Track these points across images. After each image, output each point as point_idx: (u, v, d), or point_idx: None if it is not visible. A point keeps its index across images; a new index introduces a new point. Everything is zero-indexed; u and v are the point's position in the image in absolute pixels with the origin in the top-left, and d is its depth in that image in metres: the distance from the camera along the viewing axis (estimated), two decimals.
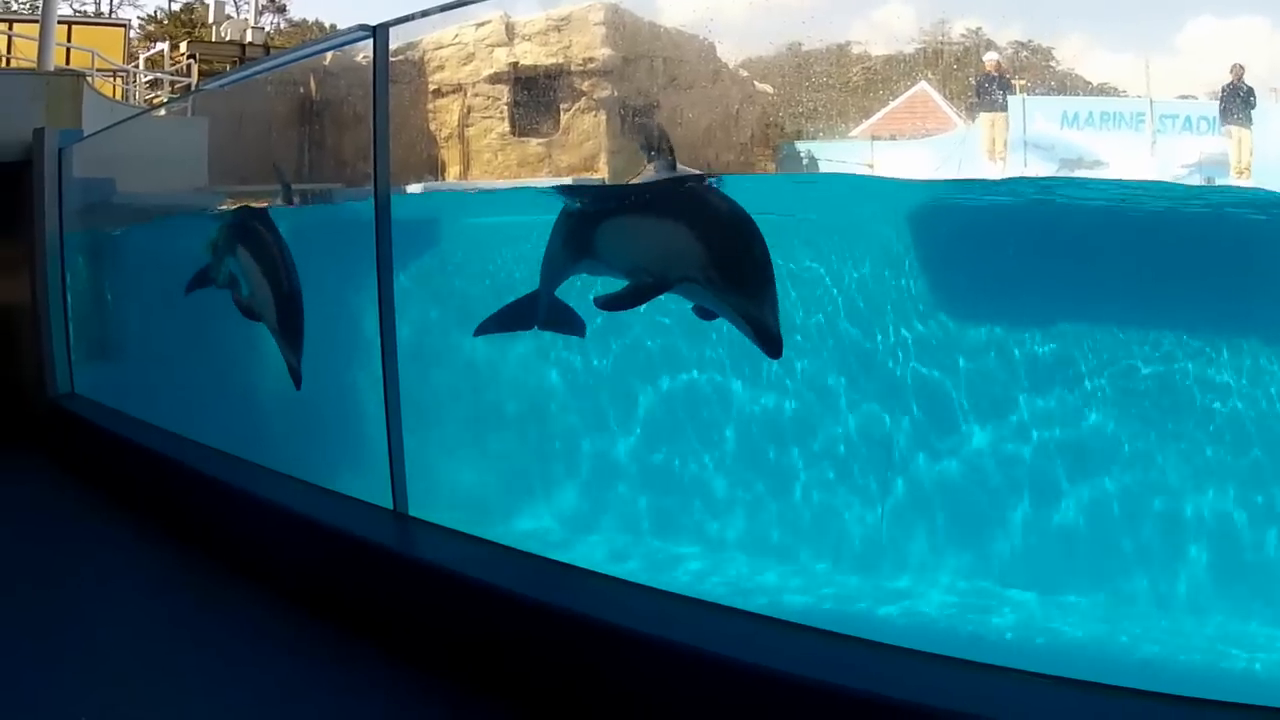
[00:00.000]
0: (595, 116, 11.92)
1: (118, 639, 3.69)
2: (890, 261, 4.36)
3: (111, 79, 16.37)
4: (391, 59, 3.86)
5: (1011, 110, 7.62)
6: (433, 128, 12.42)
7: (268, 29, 33.84)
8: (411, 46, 11.37)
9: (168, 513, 4.95)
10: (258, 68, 9.18)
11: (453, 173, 12.49)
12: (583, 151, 11.88)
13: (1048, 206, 4.25)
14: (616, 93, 11.75)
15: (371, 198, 3.83)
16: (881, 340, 4.28)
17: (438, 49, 12.53)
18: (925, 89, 8.57)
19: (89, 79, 10.55)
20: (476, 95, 12.61)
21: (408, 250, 4.36)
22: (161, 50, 21.20)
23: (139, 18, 34.65)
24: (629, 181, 4.01)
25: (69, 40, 15.84)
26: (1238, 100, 6.22)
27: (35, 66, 10.39)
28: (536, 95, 12.66)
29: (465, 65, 12.70)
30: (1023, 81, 7.97)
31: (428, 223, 5.32)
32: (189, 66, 19.70)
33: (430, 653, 3.28)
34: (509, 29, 12.61)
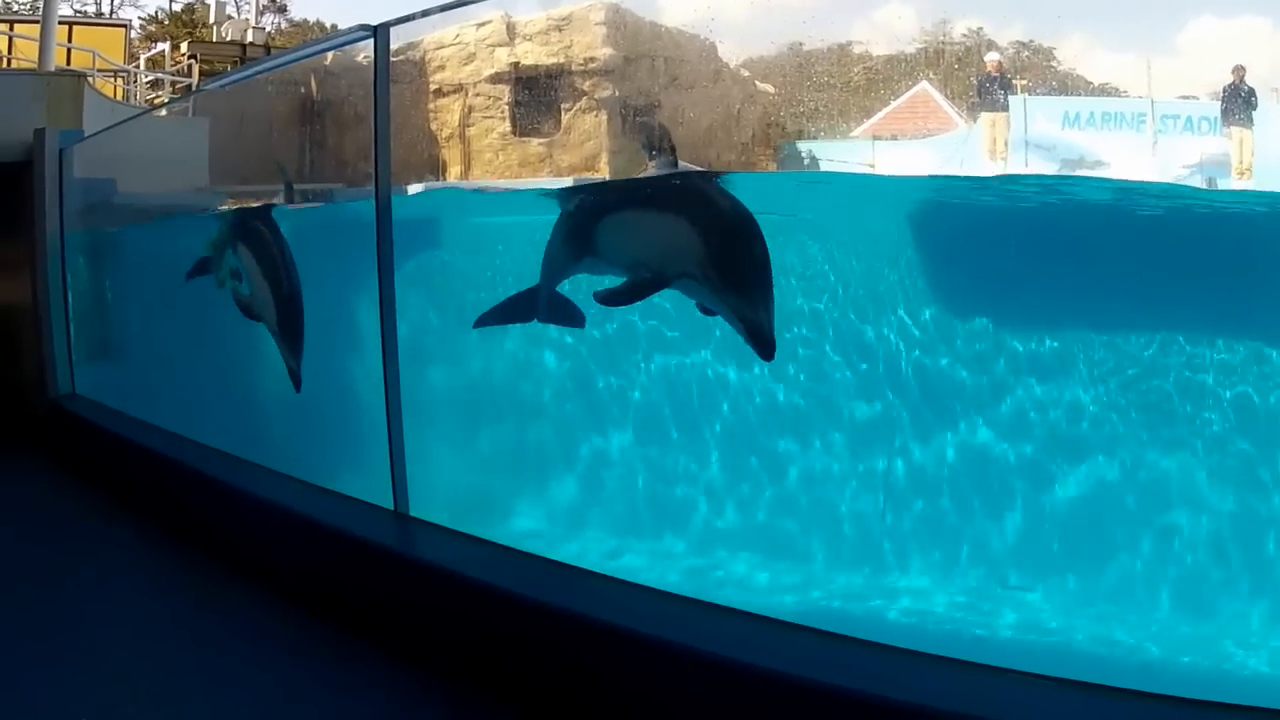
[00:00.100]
0: (596, 116, 11.92)
1: (118, 639, 3.69)
2: (892, 258, 4.35)
3: (112, 79, 16.38)
4: (392, 59, 3.86)
5: (1013, 110, 7.61)
6: (434, 128, 12.42)
7: (268, 29, 33.88)
8: (412, 46, 11.37)
9: (168, 513, 4.95)
10: (259, 68, 9.16)
11: (454, 173, 12.49)
12: (584, 151, 11.87)
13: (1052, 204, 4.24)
14: (618, 92, 11.74)
15: (373, 198, 3.83)
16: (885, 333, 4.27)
17: (439, 49, 12.53)
18: (926, 89, 8.57)
19: (90, 79, 10.56)
20: (477, 95, 12.61)
21: (428, 249, 4.38)
22: (162, 50, 21.23)
23: (140, 18, 34.72)
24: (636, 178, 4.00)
25: (70, 41, 15.85)
26: (1239, 101, 6.21)
27: (36, 67, 10.38)
28: (537, 95, 12.66)
29: (466, 65, 12.70)
30: (1024, 81, 7.96)
31: (444, 221, 5.32)
32: (190, 67, 19.71)
33: (430, 653, 3.28)
34: (510, 29, 12.60)
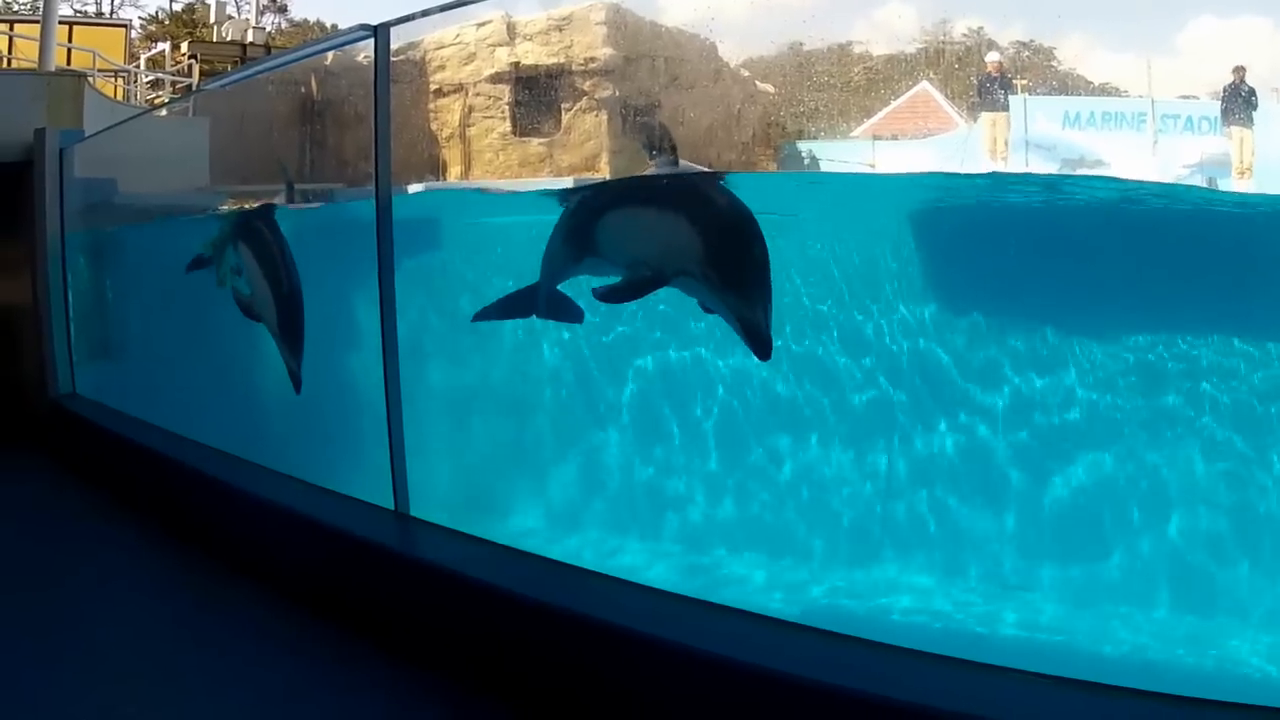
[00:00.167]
0: (597, 116, 11.92)
1: (118, 639, 3.69)
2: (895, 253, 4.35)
3: (113, 79, 16.39)
4: (393, 59, 3.86)
5: (1013, 110, 7.62)
6: (434, 127, 12.42)
7: (269, 29, 33.87)
8: (413, 46, 11.38)
9: (169, 513, 4.95)
10: (259, 67, 9.16)
11: (454, 172, 12.49)
12: (584, 151, 11.87)
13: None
14: (618, 92, 11.74)
15: (373, 198, 3.83)
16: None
17: (439, 49, 12.53)
18: (927, 89, 8.57)
19: (90, 79, 10.56)
20: (478, 95, 12.61)
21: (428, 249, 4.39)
22: (163, 50, 21.25)
23: (140, 18, 34.71)
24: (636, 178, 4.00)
25: (70, 41, 15.85)
26: (1239, 100, 6.21)
27: (36, 67, 10.38)
28: (538, 95, 12.66)
29: (466, 65, 12.70)
30: (1024, 81, 7.97)
31: (443, 221, 5.33)
32: (190, 66, 19.71)
33: (431, 653, 3.28)
34: (510, 28, 12.60)
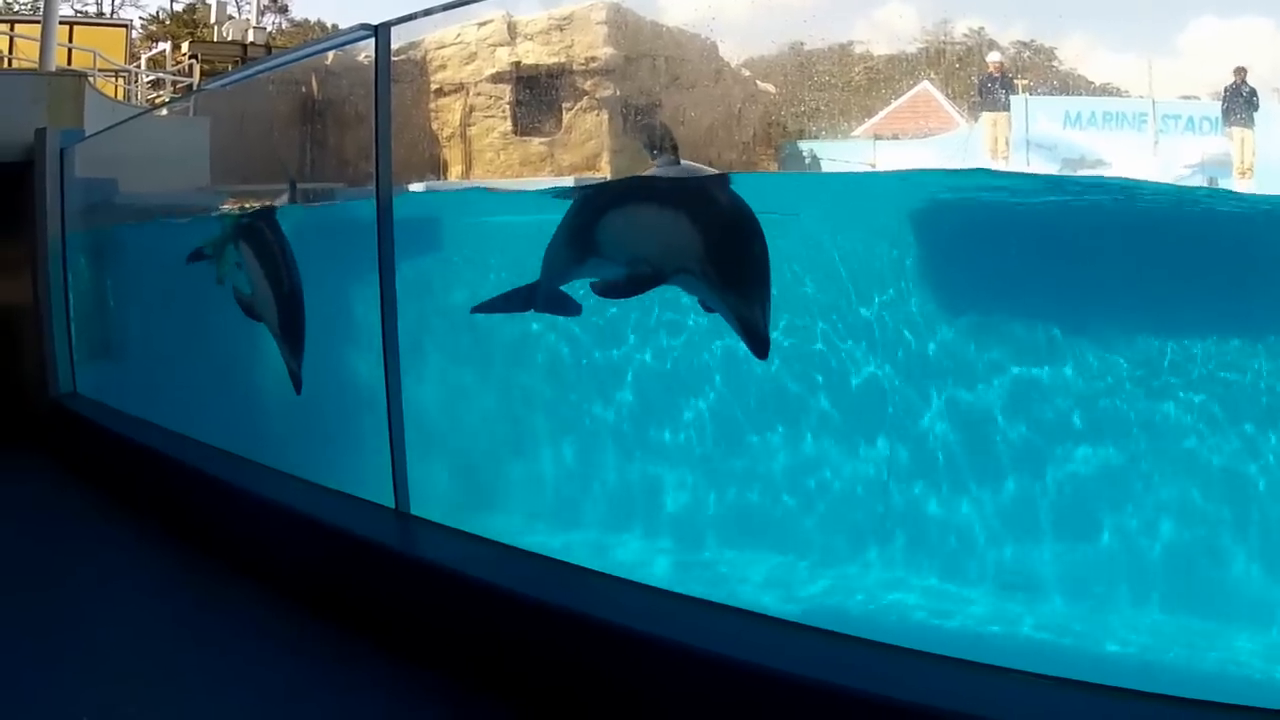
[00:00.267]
0: (597, 115, 11.93)
1: (119, 638, 3.69)
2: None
3: (113, 79, 16.40)
4: (393, 58, 3.86)
5: (1014, 110, 7.62)
6: (435, 127, 12.44)
7: (269, 29, 33.90)
8: (413, 46, 11.39)
9: (169, 512, 4.95)
10: (260, 67, 9.17)
11: (455, 172, 12.50)
12: (585, 150, 11.88)
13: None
14: (619, 92, 11.75)
15: (374, 197, 3.83)
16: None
17: (440, 48, 12.55)
18: (927, 88, 8.57)
19: (91, 79, 10.55)
20: (478, 94, 12.62)
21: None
22: (163, 50, 21.26)
23: (141, 18, 34.73)
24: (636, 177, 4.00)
25: (70, 41, 15.85)
26: (1240, 101, 6.21)
27: (37, 67, 10.39)
28: (539, 94, 12.66)
29: (467, 64, 12.72)
30: (1025, 81, 7.97)
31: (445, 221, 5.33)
32: (191, 66, 19.71)
33: (432, 652, 3.28)
34: (511, 28, 12.62)
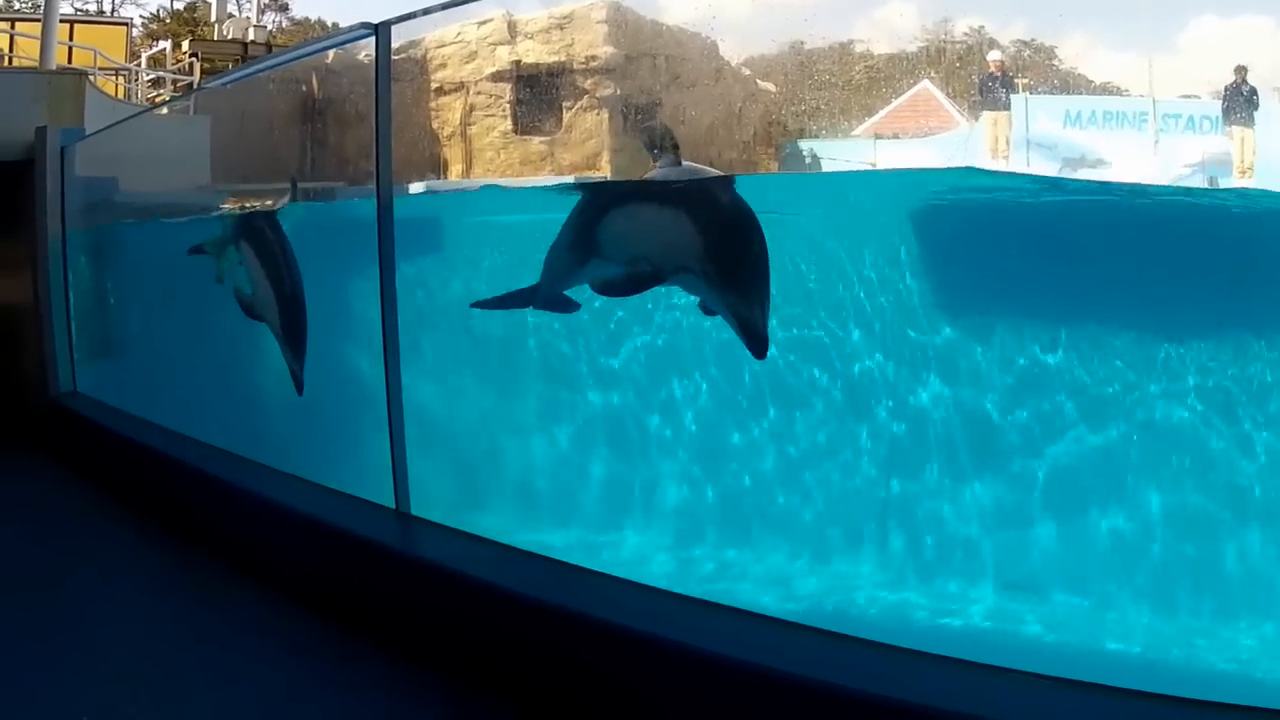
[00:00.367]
0: (598, 115, 11.93)
1: (119, 638, 3.69)
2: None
3: (114, 78, 16.39)
4: (394, 57, 3.86)
5: (1014, 109, 7.61)
6: (435, 126, 12.43)
7: (270, 27, 33.91)
8: (414, 45, 11.38)
9: (170, 512, 4.95)
10: (260, 66, 9.16)
11: (455, 171, 12.50)
12: (585, 150, 11.88)
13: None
14: (619, 91, 11.75)
15: (374, 196, 3.83)
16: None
17: (440, 47, 12.54)
18: (928, 87, 8.57)
19: (91, 78, 10.55)
20: (479, 93, 12.62)
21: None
22: (164, 49, 21.24)
23: (141, 16, 34.71)
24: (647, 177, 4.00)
25: (71, 39, 15.84)
26: (1241, 100, 6.21)
27: (37, 65, 10.39)
28: (539, 93, 12.66)
29: (467, 63, 12.71)
30: (1025, 80, 7.96)
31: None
32: (191, 65, 19.71)
33: (432, 652, 3.28)
34: (511, 27, 12.61)
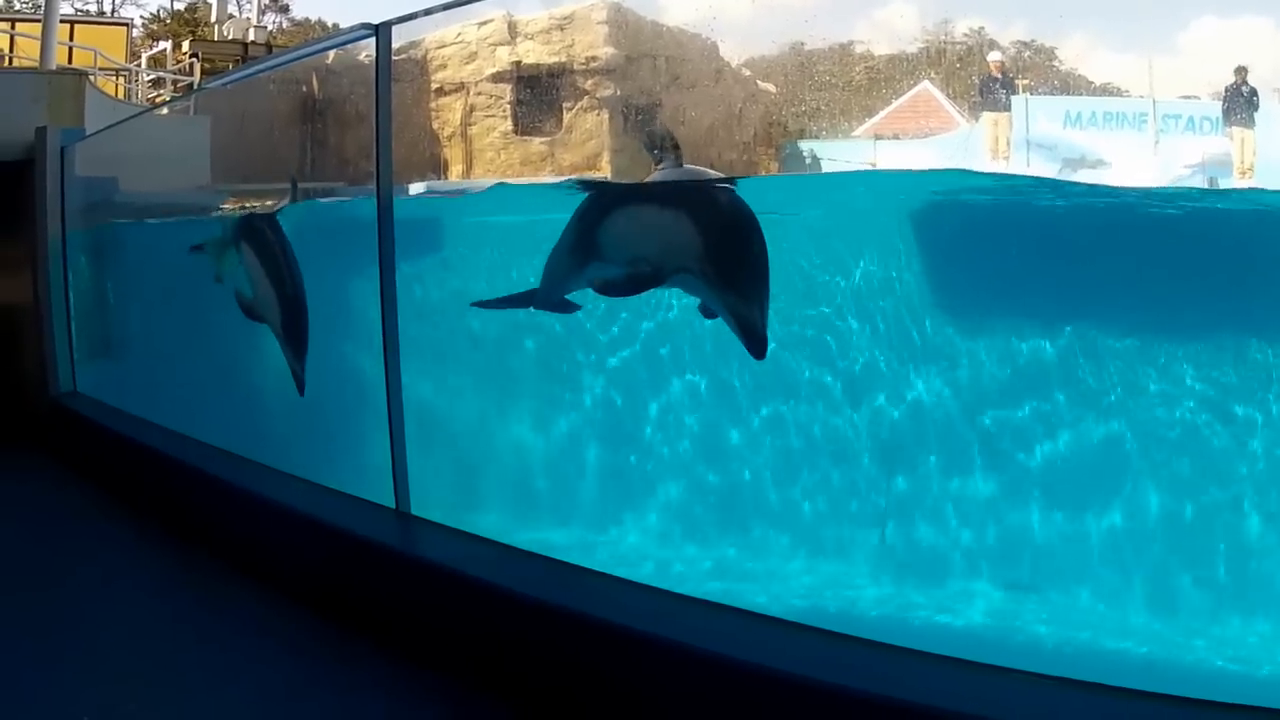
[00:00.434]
0: (598, 115, 11.92)
1: (119, 638, 3.69)
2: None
3: (114, 78, 16.40)
4: (394, 58, 3.86)
5: (1014, 110, 7.62)
6: (435, 126, 12.42)
7: (270, 28, 33.91)
8: (414, 45, 11.38)
9: (170, 512, 4.95)
10: (260, 66, 9.17)
11: (455, 171, 12.50)
12: (585, 150, 11.88)
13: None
14: (619, 92, 11.74)
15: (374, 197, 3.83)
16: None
17: (440, 48, 12.54)
18: (928, 88, 8.57)
19: (91, 78, 10.55)
20: (479, 94, 12.62)
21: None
22: (164, 49, 21.23)
23: (141, 17, 34.69)
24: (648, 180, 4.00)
25: (71, 39, 15.85)
26: (1241, 101, 6.20)
27: (38, 65, 10.39)
28: (539, 94, 12.66)
29: (468, 64, 12.71)
30: (1026, 81, 7.97)
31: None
32: (191, 65, 19.70)
33: (432, 652, 3.28)
34: (511, 28, 12.61)
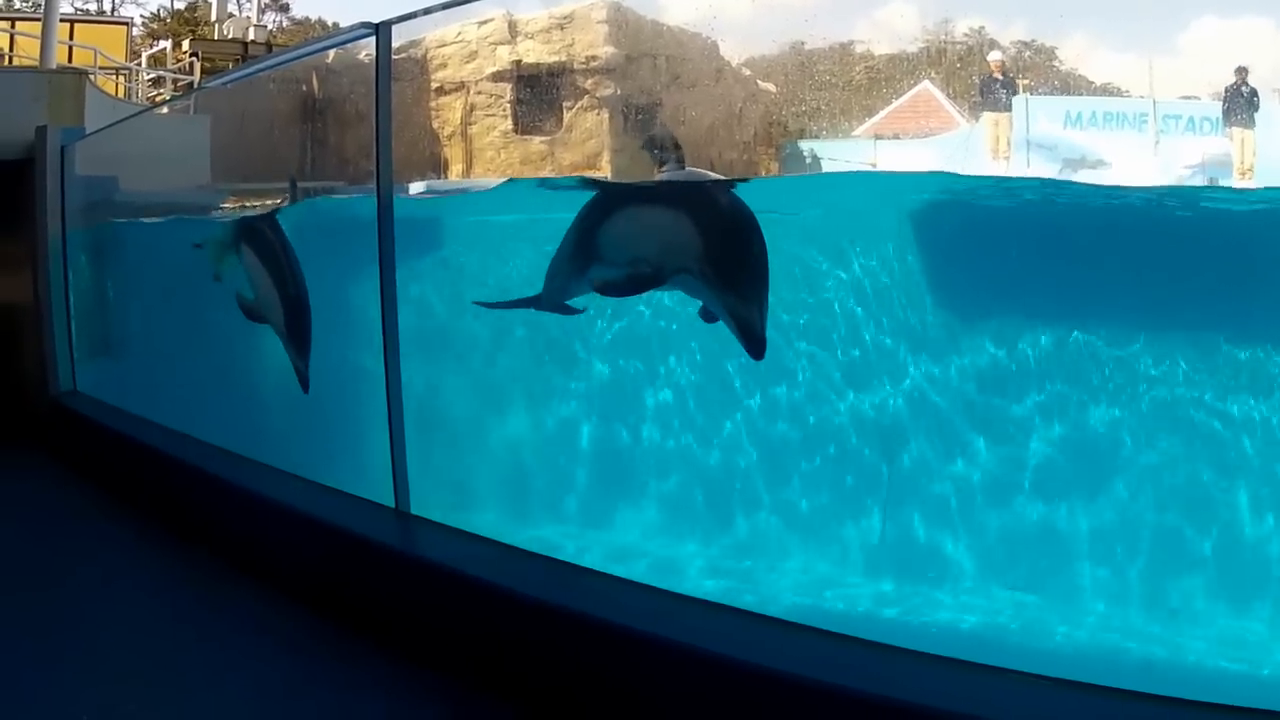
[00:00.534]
0: (598, 114, 11.93)
1: (119, 637, 3.69)
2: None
3: (114, 77, 16.39)
4: (394, 57, 3.86)
5: (1015, 110, 7.62)
6: (435, 126, 12.43)
7: (270, 27, 33.92)
8: (414, 44, 11.38)
9: (170, 511, 4.96)
10: (260, 65, 9.16)
11: (455, 170, 12.50)
12: (585, 150, 11.89)
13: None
14: (619, 91, 11.76)
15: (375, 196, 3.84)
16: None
17: (440, 47, 12.55)
18: (928, 88, 8.58)
19: (91, 77, 10.54)
20: (479, 93, 12.62)
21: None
22: (164, 48, 21.25)
23: (142, 16, 34.68)
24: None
25: (71, 38, 15.84)
26: (1241, 101, 6.21)
27: (38, 64, 10.39)
28: (539, 93, 12.67)
29: (468, 63, 12.72)
30: (1026, 81, 7.98)
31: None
32: (191, 64, 19.71)
33: (431, 651, 3.29)
34: (511, 27, 12.62)
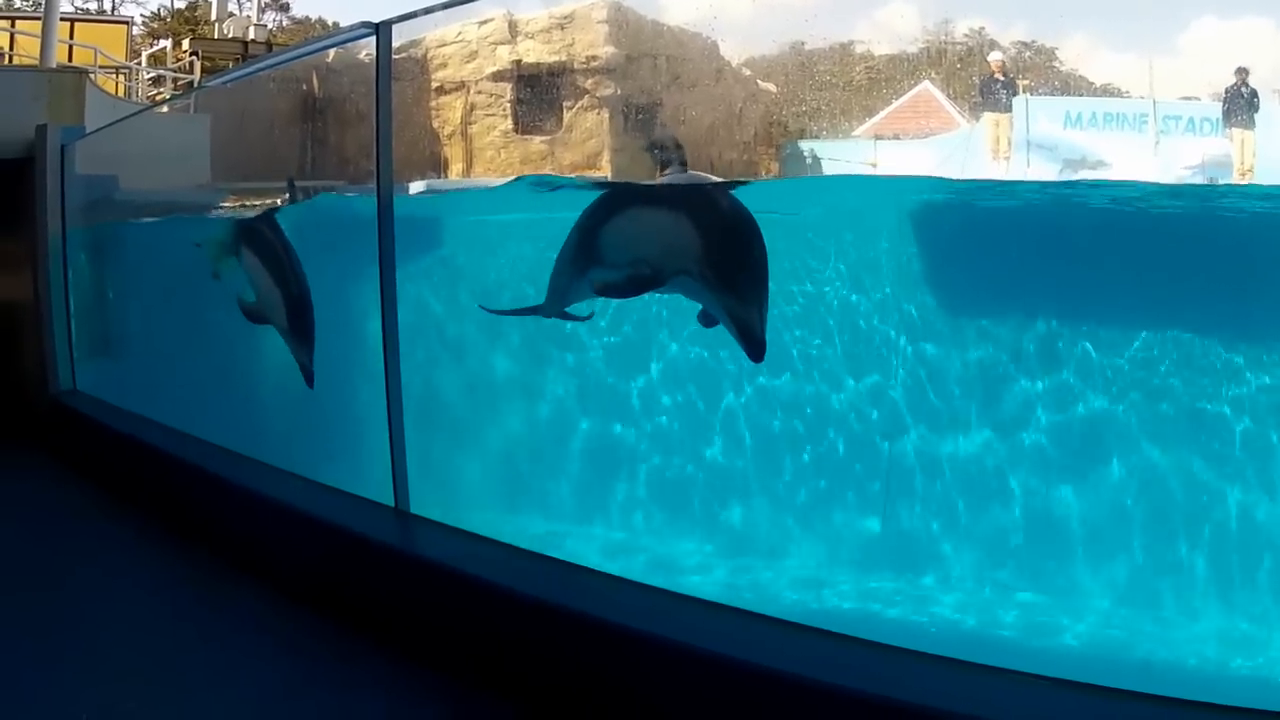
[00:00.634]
0: (598, 114, 11.94)
1: (119, 636, 3.69)
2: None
3: (114, 76, 16.38)
4: (394, 56, 3.87)
5: (1015, 111, 7.62)
6: (436, 125, 12.44)
7: (270, 26, 33.86)
8: (414, 44, 11.39)
9: (170, 510, 4.96)
10: (260, 65, 9.17)
11: (455, 170, 12.51)
12: (585, 149, 11.89)
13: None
14: (619, 91, 11.76)
15: (375, 195, 3.84)
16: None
17: (441, 46, 12.55)
18: (928, 89, 8.58)
19: (91, 76, 10.53)
20: (479, 93, 12.63)
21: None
22: (164, 47, 21.25)
23: (142, 15, 34.64)
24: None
25: (71, 37, 15.83)
26: (1241, 102, 6.22)
27: (38, 63, 10.38)
28: (539, 93, 12.67)
29: (468, 63, 12.72)
30: (1026, 82, 7.98)
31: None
32: (192, 64, 19.71)
33: (431, 650, 3.29)
34: (512, 26, 12.62)
